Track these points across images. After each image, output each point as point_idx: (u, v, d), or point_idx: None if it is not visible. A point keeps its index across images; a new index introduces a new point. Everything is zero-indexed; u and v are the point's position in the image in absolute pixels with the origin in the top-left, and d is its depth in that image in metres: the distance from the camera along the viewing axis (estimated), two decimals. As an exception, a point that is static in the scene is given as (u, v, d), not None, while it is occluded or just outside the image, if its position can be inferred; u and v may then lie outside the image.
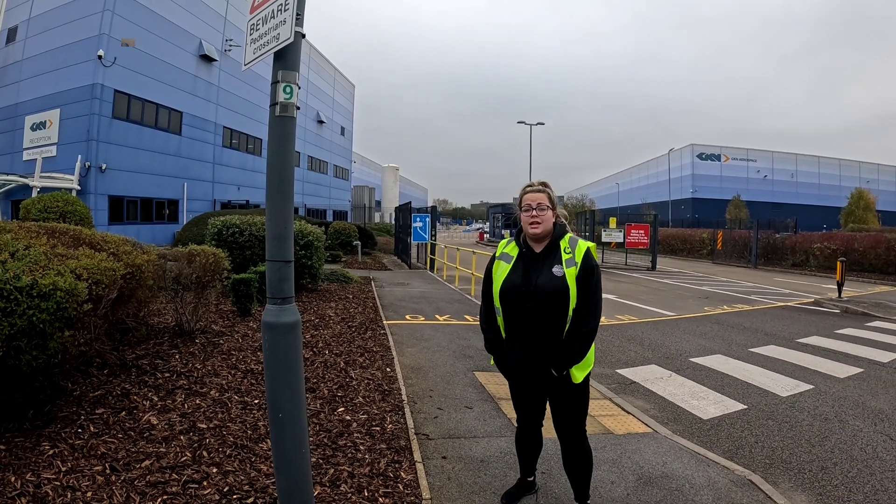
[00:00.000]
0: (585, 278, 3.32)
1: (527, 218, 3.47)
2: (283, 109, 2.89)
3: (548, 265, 3.40)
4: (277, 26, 2.87)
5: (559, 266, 3.35)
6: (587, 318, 3.32)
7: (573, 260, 3.36)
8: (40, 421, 4.41)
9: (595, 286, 3.35)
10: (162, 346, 6.78)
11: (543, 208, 3.44)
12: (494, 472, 4.44)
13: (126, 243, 6.38)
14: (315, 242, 12.89)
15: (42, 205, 14.80)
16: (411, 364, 7.61)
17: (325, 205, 52.78)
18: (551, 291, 3.31)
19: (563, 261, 3.36)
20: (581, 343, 3.32)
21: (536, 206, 3.45)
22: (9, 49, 26.18)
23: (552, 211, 3.49)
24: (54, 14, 24.75)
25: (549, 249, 3.47)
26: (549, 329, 3.36)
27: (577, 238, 3.48)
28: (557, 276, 3.32)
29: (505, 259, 3.59)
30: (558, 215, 3.58)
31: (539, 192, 3.52)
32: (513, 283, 3.45)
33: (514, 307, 3.43)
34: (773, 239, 30.85)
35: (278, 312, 2.93)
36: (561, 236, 3.48)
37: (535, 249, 3.51)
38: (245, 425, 4.82)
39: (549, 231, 3.48)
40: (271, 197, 2.95)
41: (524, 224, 3.50)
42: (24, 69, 25.52)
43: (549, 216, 3.46)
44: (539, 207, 3.44)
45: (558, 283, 3.31)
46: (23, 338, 3.80)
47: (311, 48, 48.54)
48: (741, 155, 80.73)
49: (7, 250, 4.22)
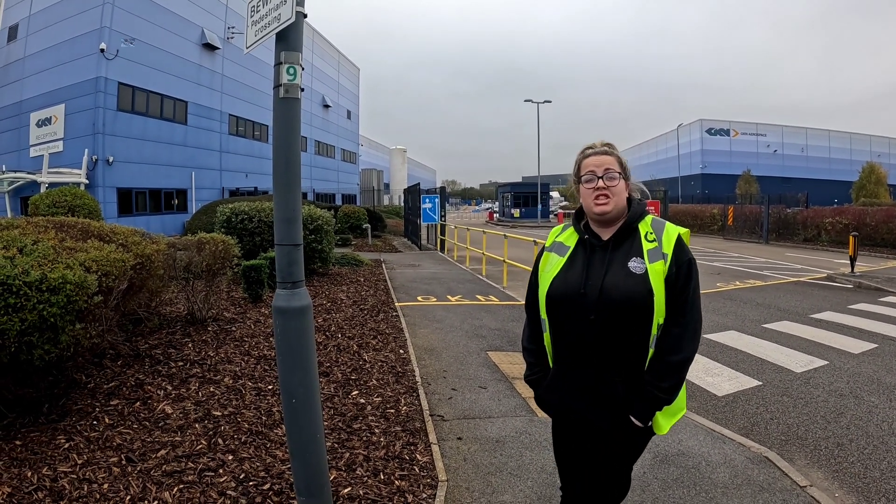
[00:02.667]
0: (679, 279, 2.33)
1: (588, 192, 2.47)
2: (286, 91, 2.84)
3: (620, 258, 2.40)
4: (278, 7, 2.82)
5: (639, 259, 2.36)
6: (681, 340, 2.32)
7: (660, 251, 2.36)
8: (56, 414, 4.42)
9: (693, 291, 2.36)
10: (174, 335, 6.79)
11: (613, 176, 2.45)
12: (510, 452, 4.43)
13: (135, 234, 6.37)
14: (325, 227, 12.88)
15: (50, 200, 14.82)
16: (424, 345, 7.60)
17: (333, 189, 52.75)
18: (626, 297, 2.30)
19: (645, 252, 2.37)
20: (673, 378, 2.32)
21: (603, 173, 2.45)
22: (10, 47, 26.16)
23: (625, 181, 2.50)
24: (54, 10, 24.67)
25: (622, 236, 2.46)
26: (620, 356, 2.36)
27: (662, 221, 2.49)
28: (636, 275, 2.32)
29: (558, 250, 2.59)
30: (633, 187, 2.61)
31: (605, 154, 2.52)
32: (567, 285, 2.44)
33: (569, 321, 2.42)
34: (785, 214, 30.58)
35: (289, 297, 2.90)
36: (639, 217, 2.48)
37: (601, 236, 2.50)
38: (259, 411, 4.82)
39: (622, 210, 2.47)
40: (278, 180, 2.92)
41: (585, 201, 2.51)
42: (27, 66, 25.50)
43: (621, 187, 2.47)
44: (607, 175, 2.44)
45: (637, 285, 2.30)
46: (34, 332, 3.79)
47: (315, 33, 48.33)
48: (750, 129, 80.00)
49: (15, 246, 4.21)
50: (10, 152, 25.42)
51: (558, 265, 2.53)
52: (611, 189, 2.43)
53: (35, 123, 24.98)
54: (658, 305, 2.30)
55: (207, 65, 30.93)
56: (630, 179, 2.56)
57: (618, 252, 2.43)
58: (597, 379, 2.39)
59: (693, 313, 2.35)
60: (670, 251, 2.35)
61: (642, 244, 2.40)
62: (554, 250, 2.62)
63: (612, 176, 2.45)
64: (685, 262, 2.36)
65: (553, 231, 2.74)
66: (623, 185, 2.48)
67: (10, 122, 25.79)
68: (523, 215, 56.79)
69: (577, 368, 2.44)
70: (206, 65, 30.85)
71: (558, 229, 2.72)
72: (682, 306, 2.33)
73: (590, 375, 2.40)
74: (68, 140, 23.85)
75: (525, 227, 45.61)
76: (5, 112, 25.82)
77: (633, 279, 2.32)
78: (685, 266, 2.35)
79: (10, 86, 25.86)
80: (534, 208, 56.56)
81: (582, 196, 2.53)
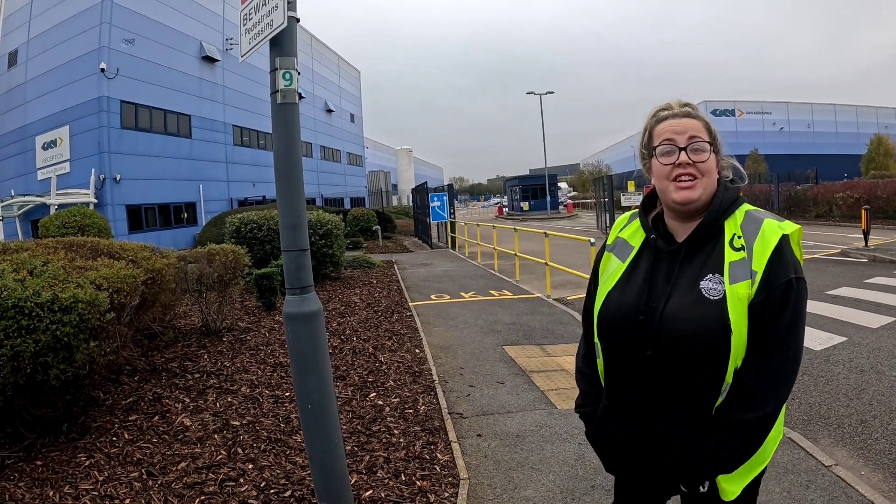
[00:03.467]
0: (768, 308, 1.59)
1: (666, 169, 1.74)
2: (284, 97, 2.83)
3: (692, 273, 1.69)
4: (270, 13, 2.81)
5: (716, 278, 1.64)
6: (758, 394, 1.61)
7: (747, 265, 1.62)
8: (75, 433, 4.43)
9: (787, 328, 1.61)
10: (190, 348, 6.80)
11: (701, 148, 1.72)
12: (531, 446, 4.41)
13: (145, 249, 6.38)
14: (334, 231, 12.88)
15: (60, 221, 14.93)
16: (440, 343, 7.59)
17: (341, 193, 52.81)
18: (692, 333, 1.61)
19: (727, 266, 1.64)
20: (738, 442, 1.64)
21: (687, 142, 1.72)
22: (11, 73, 26.31)
23: (715, 155, 1.77)
24: (52, 33, 24.79)
25: (699, 239, 1.72)
26: (682, 403, 1.68)
27: (761, 215, 1.71)
28: (709, 300, 1.62)
29: (619, 252, 1.92)
30: (724, 164, 1.83)
31: (687, 116, 1.79)
32: (622, 306, 1.78)
33: (623, 353, 1.79)
34: (795, 191, 30.42)
35: (298, 302, 2.89)
36: (727, 210, 1.73)
37: (676, 235, 1.80)
38: (278, 419, 4.82)
39: (710, 196, 1.73)
40: (281, 187, 2.91)
41: (660, 182, 1.77)
42: (29, 90, 25.63)
43: (711, 164, 1.73)
44: (693, 145, 1.72)
45: (709, 318, 1.60)
46: (49, 353, 3.80)
47: (313, 38, 48.37)
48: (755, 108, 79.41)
49: (25, 268, 4.22)
50: (18, 176, 25.58)
51: (616, 274, 1.87)
52: (699, 167, 1.71)
53: (41, 146, 25.12)
54: (737, 346, 1.59)
55: (208, 77, 31.02)
56: (721, 153, 1.82)
57: (690, 263, 1.72)
58: (649, 429, 1.75)
59: (782, 358, 1.62)
60: (762, 267, 1.60)
61: (725, 252, 1.67)
62: (615, 251, 1.94)
63: (699, 147, 1.72)
64: (781, 285, 1.59)
65: (617, 222, 2.03)
66: (714, 159, 1.75)
67: (16, 146, 25.94)
68: (533, 208, 56.70)
69: (630, 411, 1.80)
70: (207, 77, 30.94)
71: (623, 220, 2.01)
72: (767, 346, 1.61)
73: (643, 423, 1.77)
74: (75, 161, 23.97)
75: (535, 220, 45.60)
76: (10, 137, 25.98)
77: (703, 307, 1.62)
78: (780, 290, 1.59)
79: (13, 111, 26.01)
80: (543, 200, 56.45)
81: (655, 175, 1.80)
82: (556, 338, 7.73)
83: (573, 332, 8.02)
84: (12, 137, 25.98)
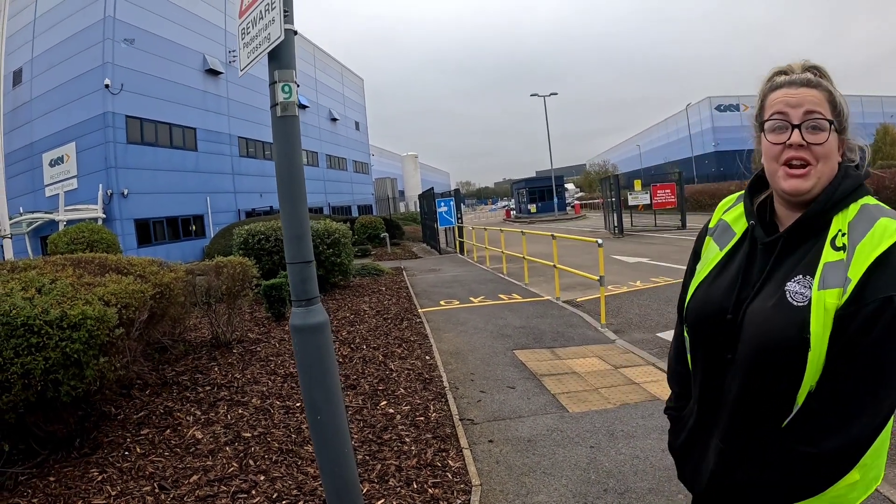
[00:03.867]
0: (854, 323, 1.29)
1: (775, 149, 1.47)
2: (284, 109, 2.83)
3: (783, 270, 1.45)
4: (267, 26, 2.82)
5: (805, 280, 1.38)
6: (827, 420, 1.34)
7: (843, 269, 1.33)
8: (87, 448, 4.45)
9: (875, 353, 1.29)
10: (200, 360, 6.82)
11: (819, 126, 1.42)
12: (542, 450, 4.39)
13: (153, 264, 6.41)
14: (342, 239, 12.89)
15: (69, 237, 14.99)
16: (450, 349, 7.58)
17: (348, 201, 52.92)
18: (769, 341, 1.38)
19: (821, 267, 1.37)
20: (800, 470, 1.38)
21: (802, 118, 1.43)
22: (17, 91, 26.49)
23: (837, 135, 1.47)
24: (56, 51, 25.01)
25: (800, 231, 1.45)
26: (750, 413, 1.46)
27: (878, 213, 1.39)
28: (793, 306, 1.37)
29: (719, 238, 1.68)
30: (849, 146, 1.53)
31: (807, 85, 1.47)
32: (709, 301, 1.57)
33: (707, 352, 1.59)
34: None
35: (304, 314, 2.89)
36: (840, 202, 1.43)
37: (780, 226, 1.54)
38: (289, 430, 4.82)
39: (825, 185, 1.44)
40: (283, 198, 2.91)
41: (769, 164, 1.52)
42: (35, 108, 25.82)
43: (831, 146, 1.44)
44: (808, 123, 1.42)
45: (788, 325, 1.36)
46: (59, 370, 3.82)
47: (315, 48, 48.55)
48: (760, 102, 79.22)
49: (33, 286, 4.24)
50: (26, 194, 25.74)
51: (711, 264, 1.63)
52: (814, 150, 1.42)
53: (48, 163, 25.29)
54: (815, 364, 1.33)
55: (212, 90, 31.17)
56: (847, 133, 1.51)
57: (785, 259, 1.46)
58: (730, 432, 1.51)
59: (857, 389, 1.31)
60: (858, 275, 1.30)
61: (823, 252, 1.39)
62: (716, 235, 1.70)
63: (816, 125, 1.42)
64: (876, 301, 1.27)
65: (723, 202, 1.78)
66: (834, 141, 1.45)
67: (24, 164, 26.12)
68: (540, 210, 56.61)
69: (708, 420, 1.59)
70: (211, 90, 31.09)
71: (730, 200, 1.76)
72: (842, 372, 1.32)
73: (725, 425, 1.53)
74: (82, 177, 24.12)
75: (543, 222, 45.54)
76: (18, 155, 26.14)
77: (783, 313, 1.38)
78: (873, 307, 1.28)
79: (20, 129, 26.18)
80: (550, 202, 56.34)
81: (764, 154, 1.53)
82: (566, 340, 7.71)
83: (583, 334, 8.00)
84: (19, 155, 26.15)
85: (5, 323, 3.62)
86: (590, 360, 6.76)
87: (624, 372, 6.23)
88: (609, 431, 4.64)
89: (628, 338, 7.75)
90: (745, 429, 1.46)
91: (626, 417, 4.91)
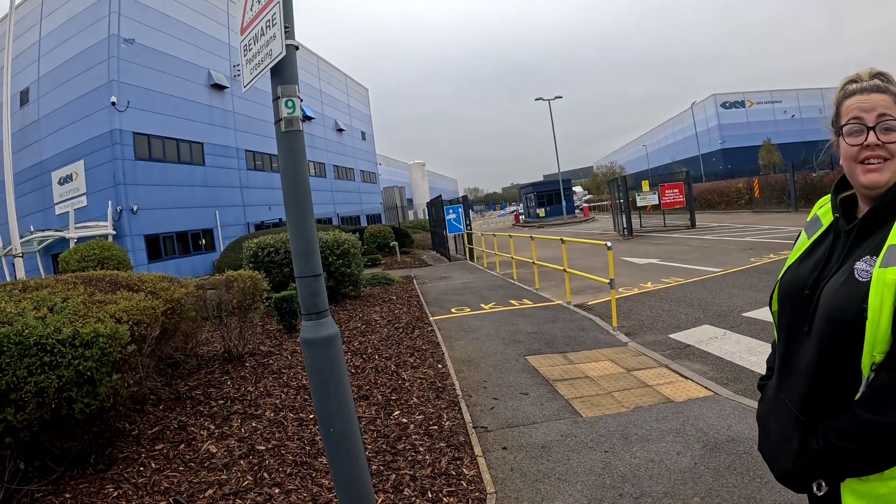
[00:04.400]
0: None
1: (853, 150, 1.61)
2: (288, 124, 2.85)
3: (858, 253, 1.59)
4: (269, 42, 2.84)
5: (871, 259, 1.51)
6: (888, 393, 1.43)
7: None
8: (102, 464, 4.47)
9: None
10: (213, 375, 6.84)
11: (891, 127, 1.57)
12: (557, 456, 4.37)
13: (163, 280, 6.44)
14: (352, 250, 12.90)
15: (79, 255, 15.09)
16: (462, 357, 7.57)
17: (357, 211, 53.00)
18: (831, 313, 1.54)
19: (886, 248, 1.49)
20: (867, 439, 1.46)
21: (876, 121, 1.58)
22: (24, 111, 26.74)
23: None
24: (61, 70, 25.26)
25: (873, 219, 1.61)
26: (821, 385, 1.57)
27: None
28: (858, 282, 1.50)
29: (809, 228, 1.86)
30: None
31: (876, 91, 1.62)
32: (795, 280, 1.74)
33: (790, 328, 1.73)
34: (811, 179, 30.14)
35: (315, 328, 2.90)
36: None
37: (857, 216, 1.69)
38: (303, 442, 4.83)
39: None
40: (290, 213, 2.92)
41: (847, 164, 1.65)
42: (42, 127, 26.07)
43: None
44: (882, 125, 1.57)
45: (850, 298, 1.50)
46: (72, 387, 3.84)
47: (319, 59, 48.73)
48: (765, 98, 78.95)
49: (45, 305, 4.27)
50: (37, 212, 25.95)
51: (800, 249, 1.82)
52: (889, 147, 1.56)
53: (57, 181, 25.49)
54: (873, 336, 1.43)
55: (218, 104, 31.33)
56: None
57: (860, 244, 1.61)
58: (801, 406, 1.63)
59: None
60: None
61: (889, 235, 1.51)
62: (807, 227, 1.87)
63: (889, 126, 1.57)
64: None
65: (820, 201, 1.91)
66: None
67: (33, 183, 26.33)
68: (549, 214, 56.50)
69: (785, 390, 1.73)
70: (217, 104, 31.25)
71: (826, 199, 1.87)
72: None
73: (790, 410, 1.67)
74: (91, 194, 24.29)
75: (552, 226, 45.46)
76: (27, 174, 26.36)
77: (847, 288, 1.52)
78: None
79: (28, 148, 26.41)
80: (558, 206, 56.24)
81: (843, 156, 1.67)
82: (578, 345, 7.69)
83: (595, 338, 7.97)
84: (29, 174, 26.37)
85: (18, 342, 3.65)
86: (602, 363, 6.74)
87: (637, 375, 6.21)
88: (623, 435, 4.63)
89: (640, 340, 7.73)
90: (819, 399, 1.58)
91: (640, 421, 4.89)
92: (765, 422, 1.84)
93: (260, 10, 2.96)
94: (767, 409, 1.83)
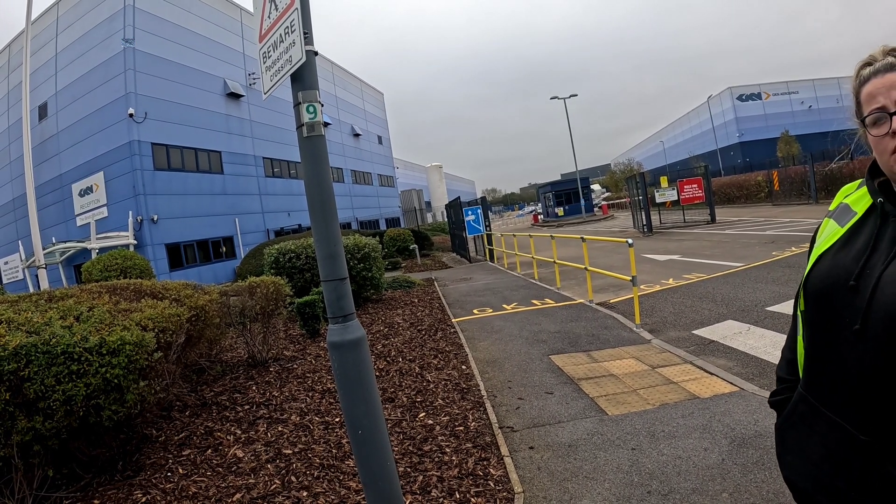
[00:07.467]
0: None
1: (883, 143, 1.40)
2: (310, 130, 2.86)
3: None
4: (288, 49, 2.85)
5: None
6: None
7: None
8: (130, 470, 4.50)
9: None
10: (238, 380, 6.87)
11: None
12: (584, 455, 4.35)
13: (187, 287, 6.49)
14: (372, 254, 12.92)
15: (102, 265, 15.26)
16: (486, 358, 7.55)
17: (375, 215, 53.17)
18: None
19: None
20: None
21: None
22: (43, 125, 27.15)
23: None
24: (79, 84, 25.67)
25: None
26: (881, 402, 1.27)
27: None
28: None
29: (839, 217, 1.58)
30: None
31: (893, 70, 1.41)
32: (833, 271, 1.45)
33: (829, 330, 1.43)
34: (830, 170, 29.80)
35: (341, 331, 2.91)
36: None
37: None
38: (329, 445, 4.83)
39: None
40: (315, 218, 2.94)
41: (879, 155, 1.44)
42: (62, 141, 26.48)
43: None
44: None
45: None
46: (100, 395, 3.88)
47: (334, 65, 48.97)
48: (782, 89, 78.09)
49: (71, 315, 4.32)
50: (58, 224, 26.32)
51: (832, 237, 1.53)
52: None
53: (77, 193, 25.86)
54: None
55: (235, 113, 31.58)
56: None
57: None
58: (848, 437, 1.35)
59: None
60: None
61: None
62: (835, 216, 1.60)
63: None
64: None
65: (843, 189, 1.67)
66: None
67: (54, 195, 26.72)
68: (567, 213, 56.28)
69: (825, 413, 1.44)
70: (234, 113, 31.51)
71: (850, 187, 1.65)
72: None
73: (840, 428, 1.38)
74: (112, 205, 24.60)
75: (571, 225, 45.28)
76: (48, 187, 26.73)
77: None
78: None
79: (48, 161, 26.80)
80: (577, 204, 56.02)
81: (873, 147, 1.47)
82: (601, 343, 7.65)
83: (618, 335, 7.92)
84: (49, 187, 26.75)
85: (46, 351, 3.68)
86: (626, 361, 6.69)
87: (661, 372, 6.16)
88: (650, 432, 4.59)
89: (664, 337, 7.67)
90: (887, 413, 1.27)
91: (667, 418, 4.85)
92: (796, 441, 1.58)
93: (278, 17, 2.97)
94: (796, 426, 1.57)
